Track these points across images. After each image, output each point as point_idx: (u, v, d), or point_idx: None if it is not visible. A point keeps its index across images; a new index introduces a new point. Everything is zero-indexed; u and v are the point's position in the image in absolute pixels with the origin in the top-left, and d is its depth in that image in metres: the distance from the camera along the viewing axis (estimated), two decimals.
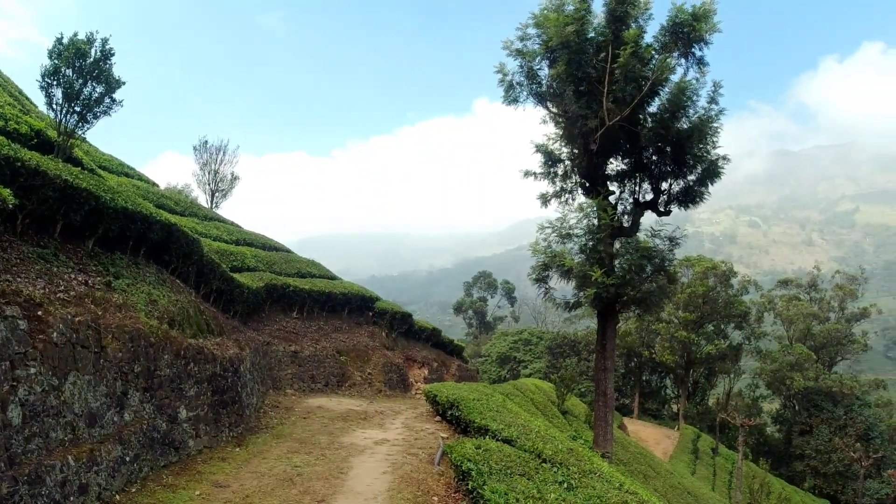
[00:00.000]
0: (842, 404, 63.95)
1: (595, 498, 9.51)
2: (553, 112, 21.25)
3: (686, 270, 64.25)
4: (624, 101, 19.31)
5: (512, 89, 21.34)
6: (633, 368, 68.85)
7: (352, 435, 15.65)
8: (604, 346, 20.81)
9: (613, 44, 19.45)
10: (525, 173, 21.95)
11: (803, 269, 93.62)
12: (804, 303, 75.12)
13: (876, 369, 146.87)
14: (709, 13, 19.32)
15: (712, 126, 20.07)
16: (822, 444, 62.19)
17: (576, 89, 20.07)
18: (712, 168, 20.64)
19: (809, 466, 63.03)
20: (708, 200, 21.82)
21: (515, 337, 72.69)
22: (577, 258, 19.94)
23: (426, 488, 11.01)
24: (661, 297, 20.79)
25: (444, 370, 32.54)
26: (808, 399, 65.29)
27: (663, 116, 19.93)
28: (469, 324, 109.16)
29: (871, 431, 62.22)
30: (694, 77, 19.88)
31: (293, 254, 33.77)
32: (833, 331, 72.76)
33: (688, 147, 20.13)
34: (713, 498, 40.91)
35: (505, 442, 11.68)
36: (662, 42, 19.96)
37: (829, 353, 73.51)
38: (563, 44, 19.54)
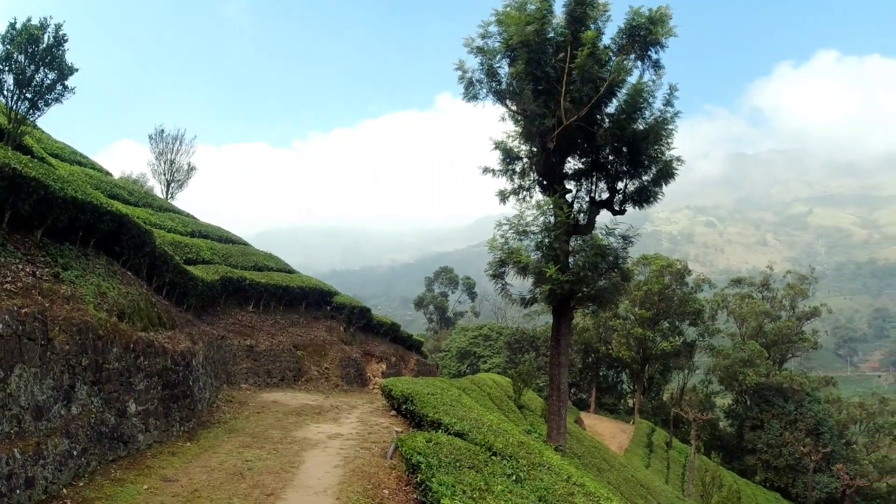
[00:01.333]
0: (792, 400, 65.90)
1: (542, 490, 9.72)
2: (512, 110, 21.47)
3: (643, 268, 65.44)
4: (581, 102, 19.60)
5: (472, 86, 21.50)
6: (590, 364, 69.88)
7: (305, 429, 15.61)
8: (558, 342, 21.14)
9: (572, 44, 19.72)
10: (484, 170, 22.14)
11: (757, 269, 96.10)
12: (757, 301, 77.18)
13: (826, 367, 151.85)
14: (665, 17, 19.71)
15: (667, 128, 20.50)
16: (773, 439, 64.04)
17: (534, 88, 20.30)
18: (667, 169, 21.08)
19: (761, 460, 64.83)
20: (664, 200, 22.33)
21: (475, 332, 73.10)
22: (534, 255, 20.22)
23: (377, 481, 11.08)
24: (615, 293, 21.23)
25: (402, 365, 32.60)
26: (760, 394, 67.13)
27: (620, 117, 20.28)
28: (430, 319, 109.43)
29: (821, 426, 64.26)
30: (650, 80, 20.32)
31: (250, 247, 33.39)
32: (784, 329, 74.91)
33: (643, 148, 20.52)
34: (666, 490, 41.82)
35: (457, 435, 11.82)
36: (620, 44, 20.30)
37: (780, 351, 75.64)
38: (523, 43, 19.74)
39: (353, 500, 9.99)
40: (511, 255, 19.79)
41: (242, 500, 9.72)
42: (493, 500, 8.22)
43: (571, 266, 20.23)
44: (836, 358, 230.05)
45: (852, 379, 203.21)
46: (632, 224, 21.55)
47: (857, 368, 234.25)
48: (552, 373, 21.43)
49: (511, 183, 22.25)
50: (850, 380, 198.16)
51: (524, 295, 21.55)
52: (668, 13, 19.71)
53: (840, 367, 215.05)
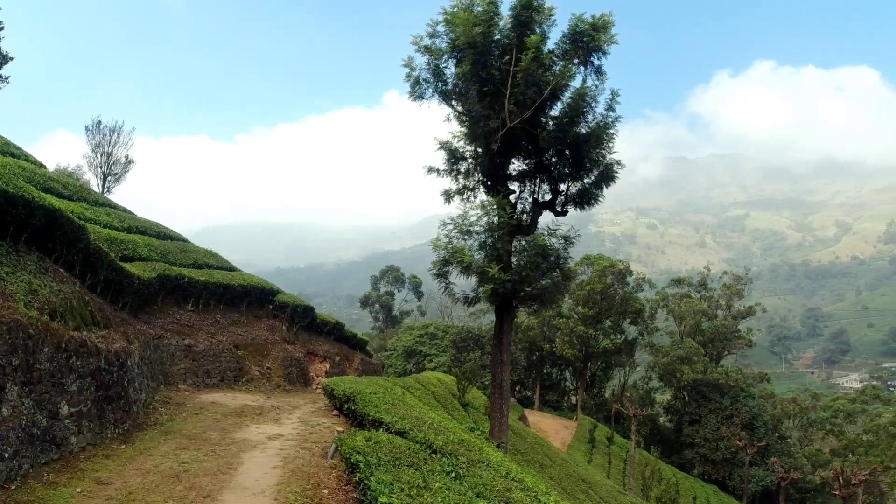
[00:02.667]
0: (728, 395, 68.27)
1: (480, 486, 9.88)
2: (457, 111, 21.62)
3: (586, 268, 66.82)
4: (525, 104, 19.87)
5: (418, 85, 21.55)
6: (534, 362, 70.87)
7: (245, 430, 15.41)
8: (500, 341, 21.41)
9: (517, 47, 19.96)
10: (429, 170, 22.23)
11: (696, 269, 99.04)
12: (695, 300, 79.64)
13: (761, 364, 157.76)
14: (607, 24, 20.13)
15: (609, 132, 20.95)
16: (710, 433, 66.21)
17: (480, 90, 20.48)
18: (608, 172, 21.58)
19: (698, 454, 66.94)
20: (608, 202, 22.90)
21: (421, 331, 73.25)
22: (477, 255, 20.43)
23: (317, 481, 11.04)
24: (556, 293, 21.63)
25: (346, 364, 32.42)
26: (697, 390, 69.29)
27: (563, 121, 20.63)
28: (376, 318, 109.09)
29: (756, 421, 66.75)
30: (593, 85, 20.69)
31: (189, 243, 32.63)
32: (720, 327, 77.52)
33: (586, 151, 20.93)
34: (607, 485, 42.72)
35: (398, 434, 11.87)
36: (563, 49, 20.60)
37: (716, 348, 78.24)
38: (469, 44, 19.89)
39: (292, 500, 9.92)
40: (455, 254, 19.95)
41: (178, 502, 9.55)
42: (431, 497, 8.32)
43: (514, 266, 20.52)
44: (770, 355, 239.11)
45: (786, 375, 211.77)
46: (573, 225, 21.98)
47: (791, 365, 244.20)
48: (494, 371, 21.70)
49: (456, 183, 22.43)
50: (784, 376, 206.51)
51: (468, 294, 21.75)
52: (610, 21, 20.15)
53: (774, 364, 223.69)
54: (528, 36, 19.73)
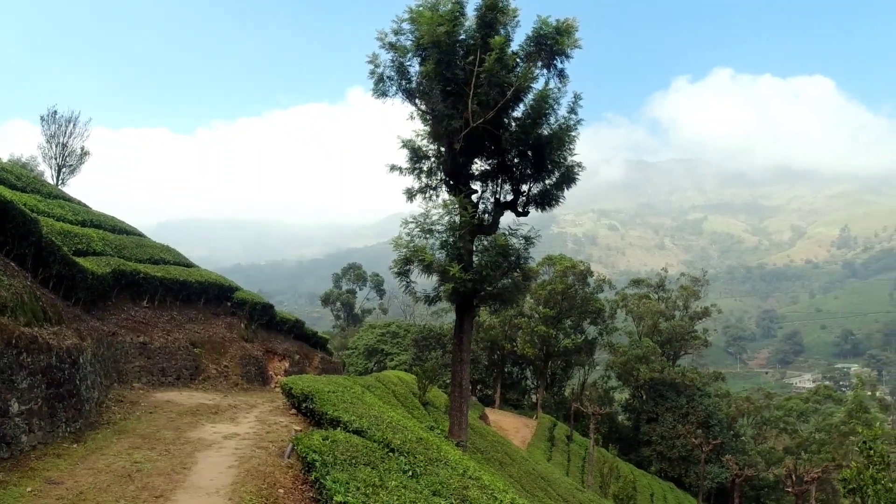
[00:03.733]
0: (685, 394, 69.61)
1: (437, 484, 9.92)
2: (421, 109, 21.60)
3: (548, 268, 67.52)
4: (488, 105, 19.96)
5: (382, 82, 21.47)
6: (496, 361, 71.28)
7: (200, 430, 15.19)
8: (461, 339, 21.49)
9: (482, 48, 20.02)
10: (391, 168, 22.18)
11: (655, 271, 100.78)
12: (653, 301, 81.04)
13: (717, 363, 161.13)
14: (571, 29, 20.32)
15: (571, 134, 21.13)
16: (667, 431, 67.41)
17: (443, 89, 20.50)
18: (569, 174, 21.79)
19: (656, 451, 68.09)
20: (570, 203, 23.13)
21: (383, 329, 73.00)
22: (439, 254, 20.46)
23: (272, 481, 10.95)
24: (517, 292, 21.81)
25: (306, 363, 32.13)
26: (655, 389, 70.50)
27: (526, 122, 20.75)
28: (337, 316, 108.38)
29: (711, 419, 68.19)
30: (556, 87, 20.81)
31: (146, 238, 31.98)
32: (677, 327, 79.04)
33: (547, 152, 21.09)
34: (566, 482, 43.17)
35: (355, 433, 11.85)
36: (527, 51, 20.73)
37: (673, 348, 79.74)
38: (434, 43, 19.89)
39: (246, 500, 9.82)
40: (416, 253, 19.95)
41: (130, 502, 9.39)
42: (387, 496, 8.33)
43: (475, 265, 20.62)
44: (726, 355, 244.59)
45: (741, 375, 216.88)
46: (534, 226, 22.15)
47: (746, 365, 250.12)
48: (454, 369, 21.77)
49: (418, 182, 22.42)
50: (739, 376, 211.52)
51: (429, 293, 21.78)
52: (574, 25, 20.33)
53: (730, 364, 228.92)
54: (493, 37, 19.80)
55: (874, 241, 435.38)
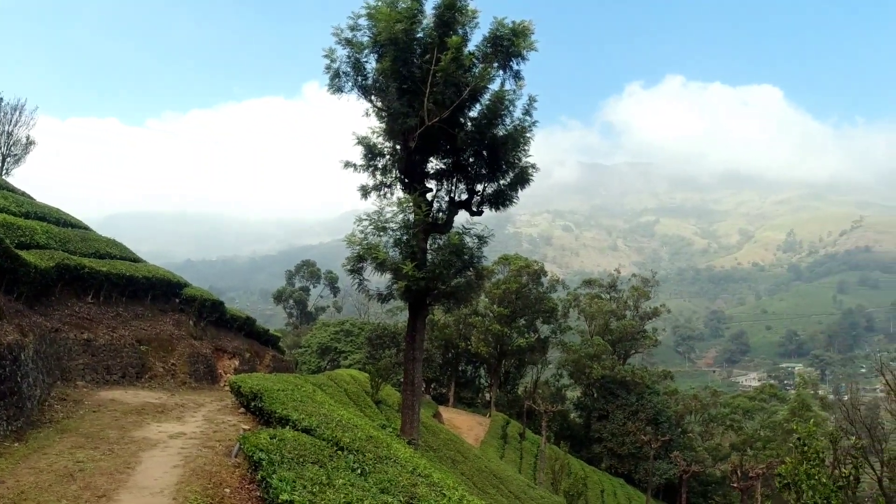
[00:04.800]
0: (634, 392, 70.89)
1: (385, 482, 9.91)
2: (377, 106, 21.52)
3: (503, 268, 68.01)
4: (444, 104, 19.98)
5: (338, 78, 21.29)
6: (450, 359, 71.43)
7: (146, 429, 14.86)
8: (413, 338, 21.48)
9: (439, 47, 20.03)
10: (345, 164, 22.01)
11: (607, 272, 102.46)
12: (604, 301, 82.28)
13: (666, 362, 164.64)
14: (527, 31, 20.48)
15: (526, 136, 21.33)
16: (617, 428, 68.54)
17: (399, 86, 20.46)
18: (523, 174, 21.99)
19: (606, 448, 69.19)
20: (526, 204, 23.41)
21: (337, 328, 72.29)
22: (392, 252, 20.40)
23: (219, 480, 10.79)
24: (470, 291, 21.91)
25: (257, 361, 31.64)
26: (606, 387, 71.60)
27: (481, 122, 20.87)
28: (290, 314, 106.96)
29: (660, 417, 69.61)
30: (511, 89, 20.97)
31: (92, 231, 30.99)
32: (628, 327, 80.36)
33: (502, 153, 21.24)
34: (518, 479, 43.51)
35: (304, 431, 11.74)
36: (484, 52, 20.81)
37: (624, 347, 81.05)
38: (391, 40, 19.81)
39: (191, 499, 9.65)
40: (369, 250, 19.85)
41: (72, 501, 9.17)
42: (334, 494, 8.27)
43: (428, 264, 20.62)
44: (675, 354, 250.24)
45: (689, 374, 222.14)
46: (489, 225, 22.29)
47: (694, 364, 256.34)
48: (407, 368, 21.76)
49: (373, 179, 22.32)
50: (688, 374, 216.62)
51: (382, 291, 21.69)
52: (530, 28, 20.49)
53: (679, 363, 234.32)
54: (450, 36, 19.83)
55: (818, 246, 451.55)
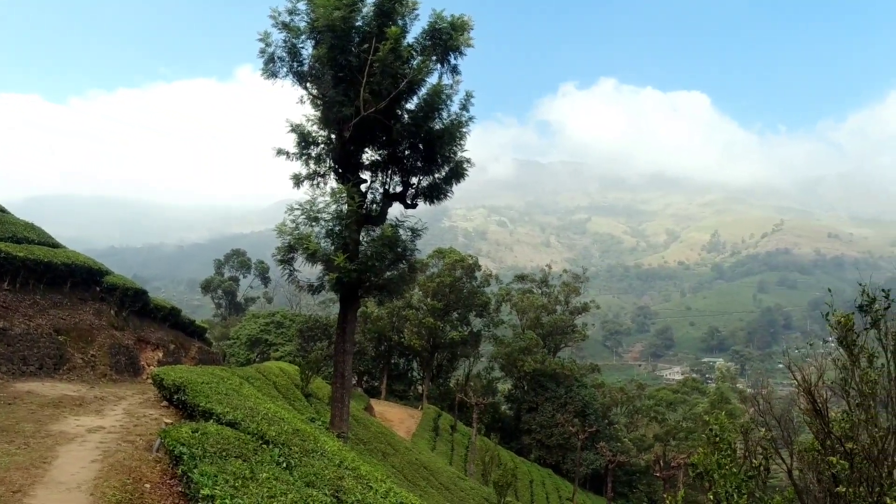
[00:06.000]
0: (563, 385, 72.51)
1: (311, 475, 9.81)
2: (312, 94, 21.14)
3: (437, 261, 68.25)
4: (381, 95, 19.81)
5: (272, 63, 20.80)
6: (382, 352, 71.28)
7: (63, 422, 14.26)
8: (344, 330, 21.29)
9: (377, 37, 19.80)
10: (278, 152, 21.56)
11: (540, 267, 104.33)
12: (536, 296, 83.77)
13: (595, 356, 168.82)
14: (466, 26, 20.49)
15: (462, 130, 21.38)
16: (546, 420, 69.98)
17: (336, 75, 20.16)
18: (458, 169, 22.04)
19: (535, 440, 70.56)
20: (463, 198, 23.52)
21: (267, 319, 70.97)
22: (324, 242, 20.12)
23: (139, 476, 10.48)
24: (403, 284, 21.84)
25: (182, 353, 30.71)
26: (536, 380, 72.97)
27: (418, 115, 20.80)
28: (218, 304, 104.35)
29: (587, 409, 71.46)
30: (449, 83, 20.94)
31: (9, 214, 29.37)
32: (559, 321, 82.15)
33: (438, 147, 21.23)
34: (449, 471, 43.87)
35: (229, 425, 11.48)
36: (423, 45, 20.70)
37: (554, 341, 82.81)
38: (329, 27, 19.47)
39: (110, 495, 9.35)
40: (300, 240, 19.47)
41: None
42: (257, 488, 8.13)
43: (361, 255, 20.45)
44: (603, 348, 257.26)
45: (616, 367, 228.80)
46: (425, 219, 22.26)
47: (621, 358, 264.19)
48: (337, 360, 21.54)
49: (306, 168, 21.91)
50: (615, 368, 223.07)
51: (313, 282, 21.38)
52: (469, 23, 20.51)
53: (606, 357, 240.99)
54: (390, 26, 19.65)
55: (741, 247, 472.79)
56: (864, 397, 9.76)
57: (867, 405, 9.68)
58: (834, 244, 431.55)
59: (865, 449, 9.17)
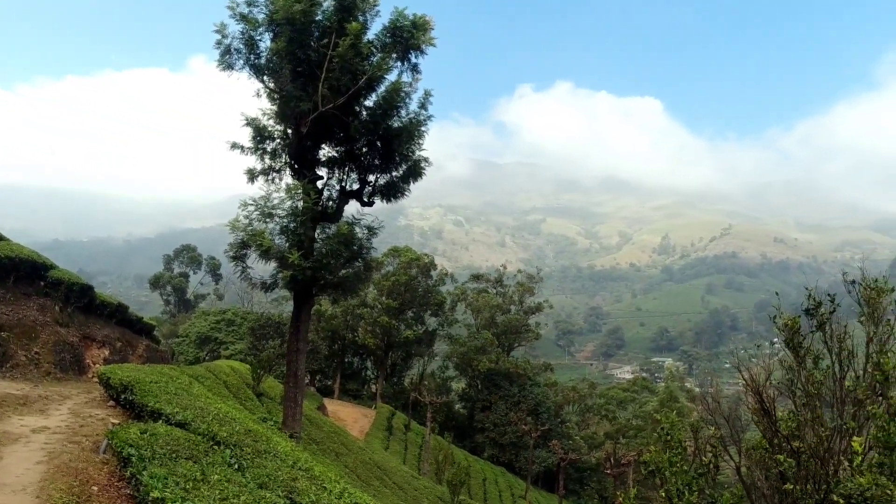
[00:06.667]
0: (517, 384, 73.06)
1: (264, 476, 9.65)
2: (269, 87, 20.80)
3: (393, 260, 68.03)
4: (340, 91, 19.61)
5: (229, 54, 20.36)
6: (336, 351, 70.63)
7: (6, 422, 13.72)
8: (297, 328, 21.00)
9: (338, 32, 19.59)
10: (232, 145, 21.13)
11: (495, 267, 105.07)
12: (491, 295, 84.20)
13: (548, 355, 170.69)
14: (427, 25, 20.42)
15: (420, 129, 21.30)
16: (500, 418, 70.42)
17: (294, 69, 19.86)
18: (416, 167, 21.97)
19: (489, 438, 70.94)
20: (419, 197, 23.49)
21: (218, 317, 69.38)
22: (278, 239, 19.79)
23: (86, 477, 10.16)
24: (358, 282, 21.65)
25: (129, 351, 29.84)
26: (490, 379, 73.36)
27: (377, 112, 20.64)
28: (167, 301, 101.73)
29: (540, 407, 72.16)
30: (409, 81, 20.86)
31: None
32: (513, 321, 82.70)
33: (396, 145, 21.12)
34: (402, 470, 43.76)
35: (178, 425, 11.21)
36: (383, 42, 20.54)
37: (508, 340, 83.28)
38: (288, 20, 19.17)
39: (56, 497, 9.04)
40: (254, 237, 19.07)
41: None
42: (209, 490, 7.95)
43: (316, 253, 20.18)
44: (556, 348, 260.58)
45: (569, 366, 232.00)
46: (381, 217, 22.13)
47: (574, 357, 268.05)
48: (290, 359, 21.25)
49: (261, 162, 21.50)
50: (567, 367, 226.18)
51: (266, 280, 21.00)
52: (430, 23, 20.45)
53: (559, 356, 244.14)
54: (350, 22, 19.46)
55: (690, 250, 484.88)
56: (810, 397, 10.09)
57: (813, 405, 10.01)
58: (780, 248, 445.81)
59: (812, 447, 9.47)
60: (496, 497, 56.17)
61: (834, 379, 10.28)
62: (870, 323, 10.27)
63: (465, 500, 43.48)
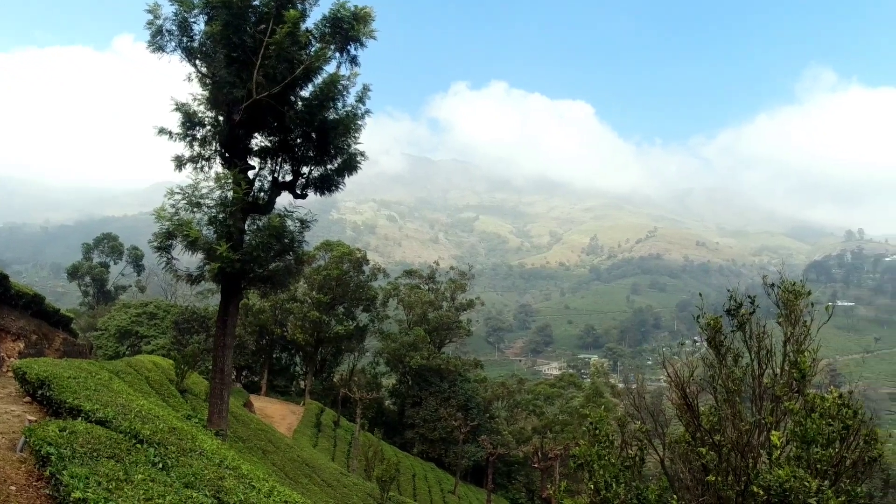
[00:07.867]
0: (447, 380, 73.58)
1: (190, 476, 9.35)
2: (201, 72, 20.10)
3: (324, 254, 67.20)
4: (275, 79, 19.15)
5: (160, 36, 19.57)
6: (264, 346, 69.29)
7: None
8: (225, 323, 20.43)
9: (275, 19, 19.13)
10: (160, 131, 20.29)
11: (427, 263, 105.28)
12: (423, 292, 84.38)
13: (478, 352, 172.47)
14: (368, 17, 20.15)
15: (357, 123, 21.04)
16: (430, 414, 70.76)
17: (229, 54, 19.23)
18: (351, 161, 21.68)
19: (418, 434, 71.20)
20: (353, 191, 23.07)
21: (139, 310, 66.64)
22: (206, 230, 19.12)
23: (3, 477, 9.60)
24: (288, 276, 21.21)
25: (45, 344, 28.37)
26: (421, 375, 73.59)
27: (313, 103, 20.27)
28: (86, 292, 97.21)
29: (470, 403, 72.93)
30: (347, 73, 20.54)
31: None
32: (444, 317, 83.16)
33: (332, 137, 20.78)
34: (331, 467, 43.36)
35: (99, 423, 10.72)
36: (322, 32, 20.15)
37: (440, 336, 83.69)
38: (224, 3, 18.57)
39: None
40: (180, 227, 18.30)
41: None
42: (132, 490, 7.62)
43: (245, 245, 19.66)
44: (486, 344, 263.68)
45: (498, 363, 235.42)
46: (313, 210, 21.73)
47: (503, 353, 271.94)
48: (216, 354, 20.62)
49: (190, 150, 20.70)
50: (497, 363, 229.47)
51: (192, 272, 20.26)
52: (371, 14, 20.20)
53: (489, 353, 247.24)
54: (289, 9, 19.04)
55: (617, 251, 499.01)
56: (731, 393, 10.52)
57: (733, 401, 10.44)
58: (701, 251, 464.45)
59: (732, 441, 9.88)
60: (426, 493, 56.38)
61: (753, 376, 10.77)
62: (787, 324, 10.79)
63: (394, 496, 43.43)
